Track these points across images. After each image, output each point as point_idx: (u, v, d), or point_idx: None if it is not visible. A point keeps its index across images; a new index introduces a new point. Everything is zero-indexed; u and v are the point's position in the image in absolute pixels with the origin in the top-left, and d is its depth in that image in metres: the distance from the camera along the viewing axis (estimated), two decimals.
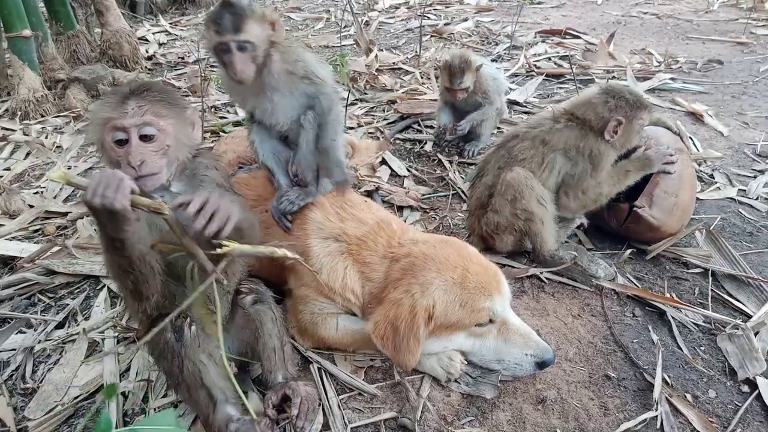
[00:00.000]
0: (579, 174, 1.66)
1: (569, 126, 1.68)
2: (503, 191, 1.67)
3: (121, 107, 1.01)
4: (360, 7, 5.47)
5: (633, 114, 1.62)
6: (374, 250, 1.39)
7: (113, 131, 1.00)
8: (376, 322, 1.28)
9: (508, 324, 1.33)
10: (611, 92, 1.66)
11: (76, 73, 3.45)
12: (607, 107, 1.62)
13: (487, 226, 1.75)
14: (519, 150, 1.70)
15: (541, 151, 1.67)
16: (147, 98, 1.03)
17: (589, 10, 4.99)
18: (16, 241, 2.03)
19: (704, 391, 1.33)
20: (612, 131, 1.62)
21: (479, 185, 1.80)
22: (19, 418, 1.34)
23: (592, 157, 1.64)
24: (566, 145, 1.66)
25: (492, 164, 1.77)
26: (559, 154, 1.66)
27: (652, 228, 1.73)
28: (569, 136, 1.66)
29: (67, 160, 2.69)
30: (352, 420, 1.28)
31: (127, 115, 1.00)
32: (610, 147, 1.65)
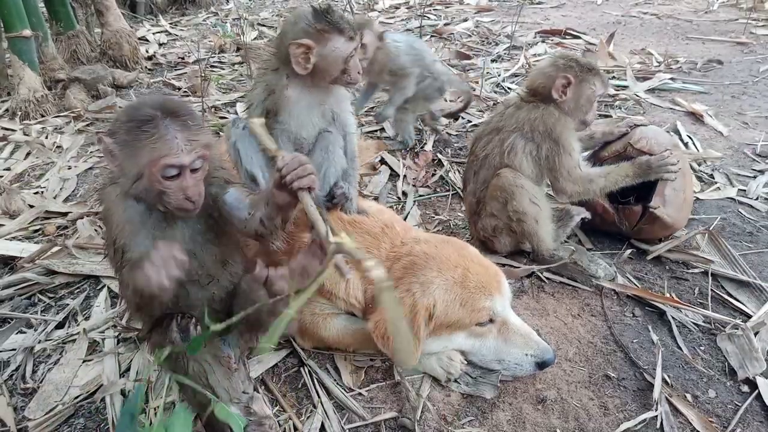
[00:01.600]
0: (549, 154, 1.60)
1: (518, 105, 1.65)
2: (494, 195, 1.66)
3: (170, 143, 0.97)
4: (360, 7, 5.47)
5: (583, 76, 1.58)
6: (377, 256, 1.39)
7: (166, 168, 0.97)
8: (377, 322, 1.28)
9: (509, 324, 1.33)
10: (562, 56, 1.64)
11: (77, 73, 3.45)
12: (555, 67, 1.60)
13: (483, 231, 1.76)
14: (480, 148, 1.70)
15: (498, 140, 1.65)
16: (192, 129, 1.00)
17: (589, 11, 5.00)
18: (16, 241, 2.03)
19: (704, 391, 1.33)
20: (560, 90, 1.57)
21: (466, 196, 1.82)
22: (20, 418, 1.34)
23: (549, 131, 1.58)
24: (518, 123, 1.62)
25: (469, 173, 1.78)
26: (516, 136, 1.62)
27: (666, 226, 1.73)
28: (518, 115, 1.63)
29: (67, 160, 2.70)
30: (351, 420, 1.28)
31: (181, 151, 0.98)
32: (564, 115, 1.60)
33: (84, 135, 2.97)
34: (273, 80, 1.43)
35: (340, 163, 1.53)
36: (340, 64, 1.35)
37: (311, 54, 1.33)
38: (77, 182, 2.50)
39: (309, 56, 1.33)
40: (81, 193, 2.41)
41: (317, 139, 1.52)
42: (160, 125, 0.97)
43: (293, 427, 1.27)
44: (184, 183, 1.00)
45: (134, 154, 0.98)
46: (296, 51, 1.33)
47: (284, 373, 1.43)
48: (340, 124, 1.53)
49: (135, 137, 0.97)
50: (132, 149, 0.98)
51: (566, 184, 1.62)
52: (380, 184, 2.31)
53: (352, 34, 1.33)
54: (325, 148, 1.52)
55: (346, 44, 1.33)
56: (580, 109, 1.63)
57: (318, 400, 1.32)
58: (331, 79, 1.40)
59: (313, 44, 1.32)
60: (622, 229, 1.81)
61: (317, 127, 1.50)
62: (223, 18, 5.51)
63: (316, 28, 1.31)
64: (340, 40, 1.32)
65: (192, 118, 1.03)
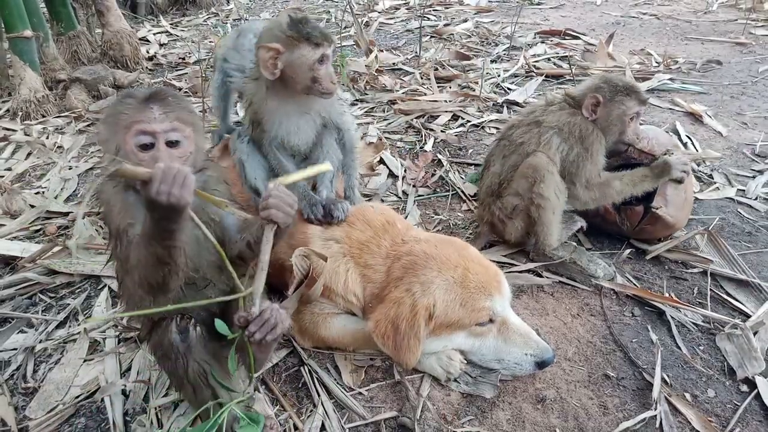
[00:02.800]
0: (576, 159, 1.66)
1: (562, 107, 1.72)
2: (526, 173, 1.69)
3: (145, 111, 0.99)
4: (360, 7, 5.48)
5: (613, 96, 1.64)
6: (377, 252, 1.40)
7: (139, 135, 0.98)
8: (377, 321, 1.29)
9: (508, 323, 1.33)
10: (605, 77, 1.70)
11: (77, 74, 3.45)
12: (592, 86, 1.68)
13: (501, 211, 1.76)
14: (517, 135, 1.74)
15: (536, 132, 1.70)
16: (170, 104, 1.02)
17: (589, 11, 5.00)
18: (17, 241, 2.03)
19: (703, 391, 1.33)
20: (590, 108, 1.65)
21: (487, 176, 1.83)
22: (20, 417, 1.34)
23: (582, 138, 1.65)
24: (558, 122, 1.69)
25: (496, 155, 1.80)
26: (554, 134, 1.68)
27: (668, 226, 1.74)
28: (560, 115, 1.70)
29: (68, 161, 2.70)
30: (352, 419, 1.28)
31: (154, 119, 0.99)
32: (597, 129, 1.67)
33: (85, 135, 2.98)
34: (252, 90, 1.45)
35: (336, 155, 1.55)
36: (306, 71, 1.35)
37: (279, 59, 1.34)
38: (78, 182, 2.51)
39: (276, 61, 1.34)
40: (82, 193, 2.41)
41: (314, 140, 1.53)
42: (141, 99, 1.00)
43: (293, 426, 1.27)
44: (156, 154, 0.98)
45: (114, 125, 1.00)
46: (264, 55, 1.34)
47: (284, 372, 1.43)
48: (335, 124, 1.55)
49: (115, 110, 1.00)
50: (113, 122, 1.01)
51: (582, 192, 1.69)
52: (380, 184, 2.32)
53: (320, 42, 1.34)
54: (321, 145, 1.55)
55: (312, 51, 1.34)
56: (611, 128, 1.68)
57: (318, 400, 1.33)
58: (303, 88, 1.40)
59: (282, 49, 1.33)
60: (623, 229, 1.81)
61: (310, 133, 1.52)
62: (223, 19, 5.52)
63: (286, 35, 1.33)
64: (307, 47, 1.33)
65: (177, 98, 1.04)
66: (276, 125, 1.47)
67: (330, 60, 1.39)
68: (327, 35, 1.36)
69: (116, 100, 1.04)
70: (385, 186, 2.31)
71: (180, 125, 1.01)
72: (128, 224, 1.02)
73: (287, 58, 1.34)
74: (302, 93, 1.42)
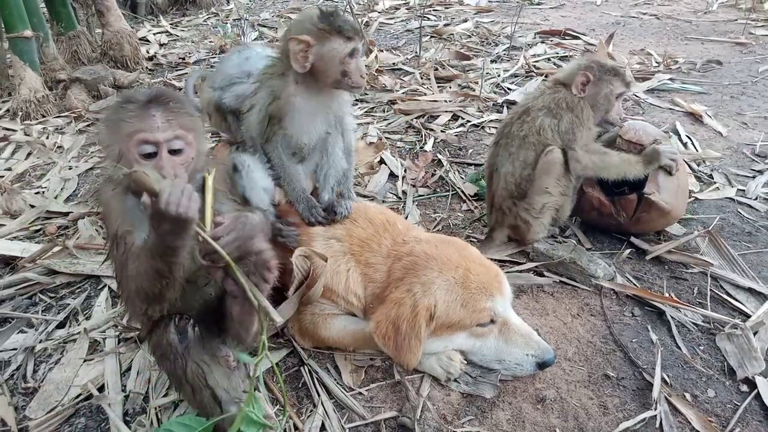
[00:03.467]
0: (569, 126, 1.69)
1: (549, 91, 1.77)
2: (549, 169, 1.70)
3: (148, 119, 0.98)
4: (360, 7, 5.48)
5: (602, 75, 1.70)
6: (378, 251, 1.40)
7: (142, 144, 0.98)
8: (378, 322, 1.29)
9: (509, 324, 1.33)
10: (592, 59, 1.77)
11: (77, 74, 3.45)
12: (581, 66, 1.73)
13: (527, 211, 1.76)
14: (516, 130, 1.77)
15: (530, 119, 1.74)
16: (173, 110, 1.01)
17: (589, 11, 5.00)
18: (17, 241, 2.03)
19: (703, 391, 1.33)
20: (579, 85, 1.70)
21: (498, 178, 1.81)
22: (20, 417, 1.34)
23: (571, 108, 1.70)
24: (545, 102, 1.74)
25: (502, 156, 1.80)
26: (543, 115, 1.72)
27: (664, 213, 1.74)
28: (548, 98, 1.75)
29: (68, 161, 2.70)
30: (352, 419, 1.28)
31: (157, 128, 0.98)
32: (586, 102, 1.71)
33: (85, 135, 2.98)
34: (279, 86, 1.43)
35: (341, 164, 1.55)
36: (337, 65, 1.35)
37: (310, 52, 1.33)
38: (78, 182, 2.51)
39: (307, 54, 1.34)
40: (82, 193, 2.42)
41: (317, 142, 1.53)
42: (143, 105, 0.99)
43: (294, 426, 1.27)
44: (159, 163, 0.99)
45: (115, 131, 1.00)
46: (296, 47, 1.34)
47: (285, 372, 1.43)
48: (340, 124, 1.55)
49: (118, 115, 0.99)
50: (114, 126, 1.00)
51: (582, 154, 1.70)
52: (380, 184, 2.32)
53: (351, 36, 1.34)
54: (325, 150, 1.54)
55: (344, 45, 1.34)
56: (598, 106, 1.73)
57: (318, 400, 1.33)
58: (333, 82, 1.40)
59: (313, 41, 1.32)
60: (620, 221, 1.80)
61: (319, 133, 1.51)
62: (223, 19, 5.52)
63: (317, 27, 1.33)
64: (338, 40, 1.33)
65: (178, 101, 1.03)
66: (294, 122, 1.46)
67: (360, 54, 1.39)
68: (358, 29, 1.37)
69: (117, 103, 1.02)
70: (385, 186, 2.31)
71: (182, 132, 1.01)
72: (126, 230, 1.03)
73: (318, 50, 1.34)
74: (331, 87, 1.42)
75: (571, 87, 1.72)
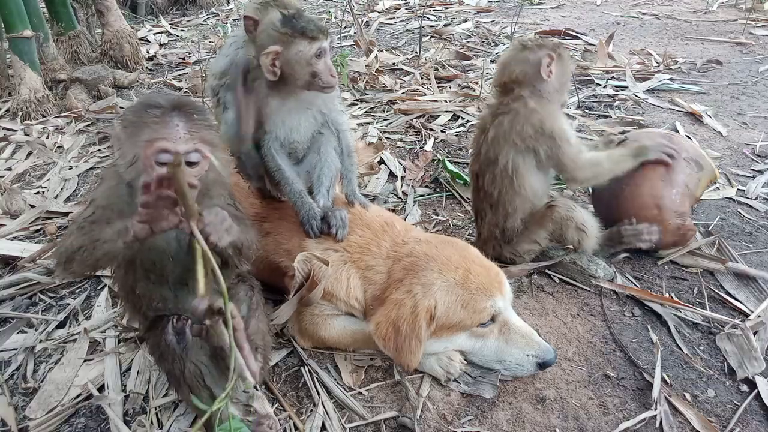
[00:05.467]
0: (548, 154, 1.55)
1: (499, 121, 1.58)
2: (544, 224, 1.64)
3: (171, 127, 0.97)
4: (360, 7, 5.48)
5: (560, 51, 1.57)
6: (377, 253, 1.39)
7: (161, 153, 0.96)
8: (378, 323, 1.29)
9: (510, 324, 1.33)
10: (522, 42, 1.61)
11: (77, 74, 3.46)
12: (530, 50, 1.56)
13: (512, 253, 1.73)
14: (489, 184, 1.64)
15: (500, 170, 1.59)
16: (196, 122, 0.99)
17: (589, 11, 5.00)
18: (17, 241, 2.03)
19: (703, 391, 1.33)
20: (547, 68, 1.53)
21: (486, 224, 1.72)
22: (20, 417, 1.34)
23: (541, 130, 1.53)
24: (507, 140, 1.56)
25: (482, 207, 1.71)
26: (511, 156, 1.57)
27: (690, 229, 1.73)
28: (502, 131, 1.57)
29: (68, 161, 2.70)
30: (352, 419, 1.28)
31: (179, 138, 0.97)
32: (547, 103, 1.56)
33: (85, 135, 2.98)
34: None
35: (334, 164, 1.52)
36: (305, 67, 1.33)
37: (278, 60, 1.32)
38: (78, 182, 2.51)
39: (275, 62, 1.32)
40: (82, 193, 2.42)
41: (311, 141, 1.52)
42: (166, 111, 0.98)
43: (294, 426, 1.27)
44: None
45: (134, 134, 0.98)
46: (265, 61, 1.32)
47: (284, 372, 1.43)
48: (332, 123, 1.53)
49: (139, 118, 0.98)
50: (134, 129, 0.98)
51: (576, 173, 1.60)
52: (380, 184, 2.32)
53: (315, 36, 1.31)
54: (318, 150, 1.52)
55: (309, 46, 1.31)
56: (562, 88, 1.61)
57: (318, 400, 1.33)
58: (304, 84, 1.37)
59: (280, 49, 1.31)
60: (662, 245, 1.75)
61: (310, 130, 1.50)
62: (223, 18, 5.52)
63: (280, 32, 1.31)
64: (303, 42, 1.31)
65: (200, 112, 1.02)
66: (279, 124, 1.45)
67: (328, 53, 1.36)
68: (322, 28, 1.33)
69: (140, 105, 1.00)
70: (385, 186, 2.30)
71: (202, 146, 0.99)
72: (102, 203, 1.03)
73: (284, 56, 1.32)
74: (303, 89, 1.40)
75: (538, 74, 1.54)
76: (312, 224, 1.43)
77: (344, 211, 1.46)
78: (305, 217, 1.44)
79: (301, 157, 1.54)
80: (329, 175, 1.51)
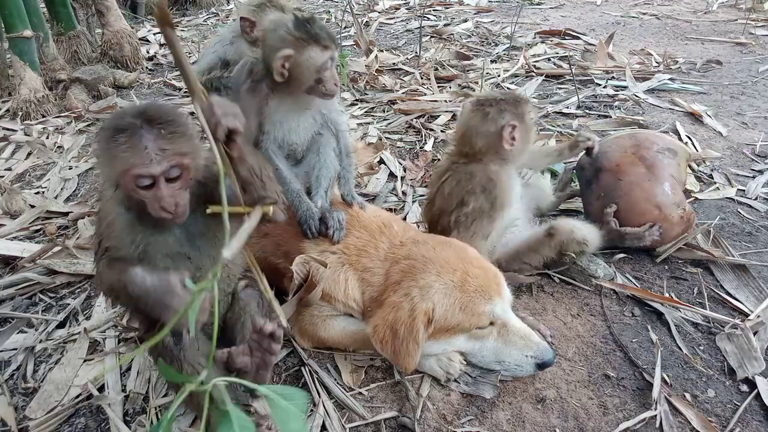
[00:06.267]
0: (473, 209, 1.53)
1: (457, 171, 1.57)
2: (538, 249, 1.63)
3: (140, 153, 0.94)
4: (360, 7, 5.48)
5: (520, 111, 1.52)
6: (375, 255, 1.39)
7: (138, 179, 0.96)
8: (376, 326, 1.28)
9: (509, 326, 1.33)
10: (483, 102, 1.55)
11: (77, 74, 3.46)
12: (491, 120, 1.51)
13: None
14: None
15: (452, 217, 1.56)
16: (165, 137, 0.96)
17: (589, 11, 5.00)
18: (17, 241, 2.03)
19: (703, 391, 1.33)
20: (509, 138, 1.50)
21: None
22: (20, 417, 1.34)
23: (485, 191, 1.52)
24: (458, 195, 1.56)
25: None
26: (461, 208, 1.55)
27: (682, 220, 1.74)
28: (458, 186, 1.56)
29: (68, 161, 2.70)
30: (352, 419, 1.28)
31: (151, 161, 0.94)
32: (506, 165, 1.57)
33: (85, 135, 2.98)
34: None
35: (333, 165, 1.53)
36: (313, 74, 1.34)
37: (288, 62, 1.33)
38: (78, 182, 2.51)
39: (286, 64, 1.33)
40: (82, 193, 2.42)
41: (310, 142, 1.52)
42: (134, 135, 0.94)
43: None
44: (158, 193, 0.97)
45: (110, 163, 0.98)
46: (277, 62, 1.33)
47: (284, 372, 1.43)
48: (331, 123, 1.53)
49: (110, 146, 0.96)
50: (108, 158, 0.97)
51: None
52: (379, 184, 2.32)
53: (328, 44, 1.33)
54: (317, 151, 1.52)
55: (321, 54, 1.33)
56: (525, 148, 1.59)
57: (318, 400, 1.33)
58: (306, 89, 1.39)
59: (293, 53, 1.32)
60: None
61: (309, 131, 1.50)
62: (223, 19, 5.52)
63: (294, 36, 1.32)
64: (315, 49, 1.32)
65: (171, 125, 0.98)
66: (277, 125, 1.46)
67: (335, 62, 1.38)
68: (334, 37, 1.36)
69: (105, 132, 0.97)
70: (385, 186, 2.30)
71: (178, 160, 0.97)
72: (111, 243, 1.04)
73: (295, 59, 1.33)
74: (304, 93, 1.41)
75: (501, 146, 1.51)
76: (310, 224, 1.43)
77: (342, 212, 1.47)
78: (303, 218, 1.44)
79: (300, 158, 1.55)
80: (328, 176, 1.51)
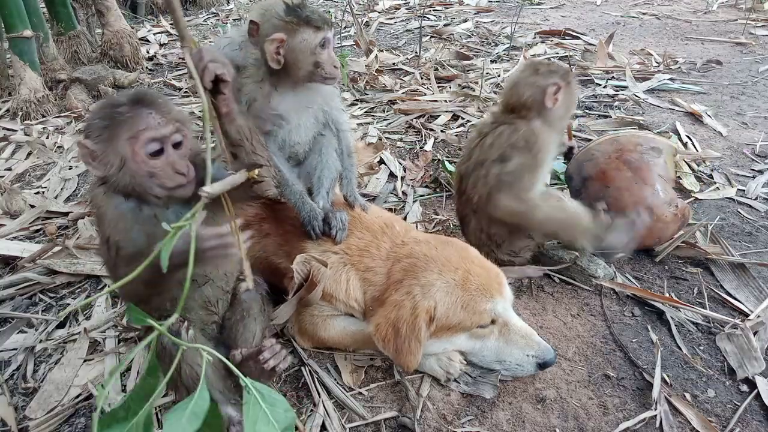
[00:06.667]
0: (513, 169, 1.55)
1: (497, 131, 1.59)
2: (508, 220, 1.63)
3: (146, 117, 0.97)
4: (360, 7, 5.48)
5: (568, 79, 1.58)
6: (376, 255, 1.39)
7: (149, 143, 0.97)
8: (377, 324, 1.28)
9: (510, 325, 1.33)
10: (536, 64, 1.62)
11: (77, 74, 3.46)
12: (540, 76, 1.57)
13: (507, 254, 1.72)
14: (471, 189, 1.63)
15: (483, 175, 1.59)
16: (166, 106, 1.01)
17: (589, 11, 5.00)
18: (17, 241, 2.03)
19: (703, 391, 1.33)
20: (553, 96, 1.54)
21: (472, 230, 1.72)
22: (20, 417, 1.34)
23: (530, 146, 1.54)
24: (500, 150, 1.57)
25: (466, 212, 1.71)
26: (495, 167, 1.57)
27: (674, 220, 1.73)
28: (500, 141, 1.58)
29: (68, 161, 2.70)
30: (352, 419, 1.28)
31: (158, 124, 0.97)
32: (548, 128, 1.59)
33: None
34: (254, 89, 1.42)
35: (335, 165, 1.52)
36: (309, 57, 1.33)
37: (282, 48, 1.32)
38: (78, 182, 2.51)
39: (279, 50, 1.33)
40: (82, 193, 2.42)
41: (312, 143, 1.52)
42: (134, 106, 0.98)
43: (294, 426, 1.27)
44: (169, 158, 0.99)
45: (113, 139, 0.97)
46: (270, 47, 1.32)
47: (285, 372, 1.43)
48: (333, 122, 1.53)
49: (110, 122, 0.97)
50: (110, 135, 0.97)
51: (513, 200, 1.57)
52: (380, 184, 2.32)
53: (320, 25, 1.32)
54: (319, 152, 1.52)
55: (314, 35, 1.32)
56: (566, 115, 1.64)
57: (318, 399, 1.33)
58: (306, 75, 1.37)
59: (285, 37, 1.31)
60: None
61: (311, 130, 1.50)
62: (223, 19, 5.52)
63: (285, 21, 1.31)
64: (308, 31, 1.31)
65: (163, 98, 1.03)
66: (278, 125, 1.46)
67: (331, 44, 1.37)
68: (326, 18, 1.35)
69: (104, 110, 0.99)
70: (385, 186, 2.30)
71: (180, 126, 1.01)
72: (120, 237, 1.03)
73: (289, 44, 1.32)
74: (305, 80, 1.39)
75: (543, 101, 1.54)
76: (314, 225, 1.43)
77: (344, 212, 1.46)
78: (307, 218, 1.44)
79: (302, 159, 1.54)
80: (330, 176, 1.51)
